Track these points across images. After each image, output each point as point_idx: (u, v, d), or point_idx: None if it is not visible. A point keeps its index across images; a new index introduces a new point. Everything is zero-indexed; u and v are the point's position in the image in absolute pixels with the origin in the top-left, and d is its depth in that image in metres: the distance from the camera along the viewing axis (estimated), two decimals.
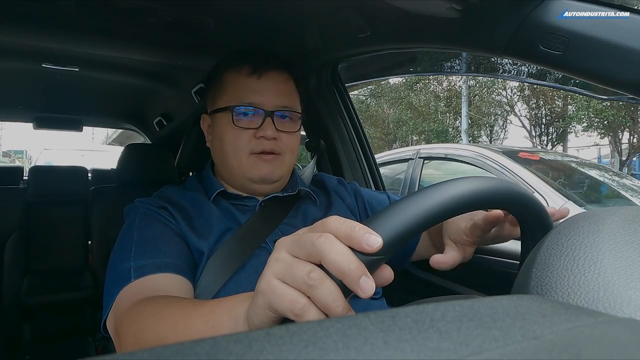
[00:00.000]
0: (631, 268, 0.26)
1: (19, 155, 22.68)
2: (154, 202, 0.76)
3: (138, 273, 0.61)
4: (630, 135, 11.49)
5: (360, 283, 0.31)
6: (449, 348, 0.17)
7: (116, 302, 0.60)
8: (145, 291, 0.58)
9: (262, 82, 0.76)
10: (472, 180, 0.39)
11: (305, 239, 0.34)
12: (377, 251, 0.32)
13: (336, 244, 0.32)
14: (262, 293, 0.35)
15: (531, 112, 13.54)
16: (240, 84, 0.77)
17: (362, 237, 0.32)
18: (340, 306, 0.32)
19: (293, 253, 0.34)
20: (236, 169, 0.77)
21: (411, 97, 13.80)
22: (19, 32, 1.03)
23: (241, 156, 0.76)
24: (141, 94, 1.83)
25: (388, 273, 0.36)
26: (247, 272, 0.70)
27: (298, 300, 0.32)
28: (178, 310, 0.49)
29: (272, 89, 0.77)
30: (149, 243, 0.67)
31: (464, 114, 11.91)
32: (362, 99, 14.64)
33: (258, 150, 0.75)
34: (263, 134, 0.74)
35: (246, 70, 0.77)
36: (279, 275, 0.34)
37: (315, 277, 0.32)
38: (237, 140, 0.75)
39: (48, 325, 1.59)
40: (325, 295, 0.32)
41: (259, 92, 0.76)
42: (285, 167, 0.79)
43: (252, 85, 0.76)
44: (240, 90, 0.76)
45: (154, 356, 0.15)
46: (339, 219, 0.34)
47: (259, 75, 0.76)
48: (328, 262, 0.32)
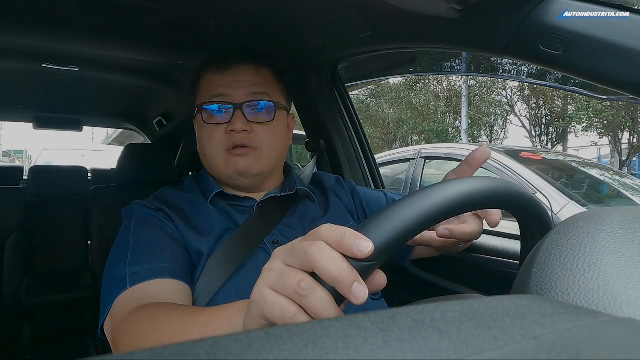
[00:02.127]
0: (631, 268, 0.26)
1: (19, 155, 22.69)
2: (151, 204, 0.76)
3: (133, 280, 0.61)
4: (630, 135, 11.50)
5: (353, 289, 0.31)
6: (449, 348, 0.17)
7: (113, 309, 0.60)
8: (141, 298, 0.58)
9: (227, 76, 0.76)
10: (469, 181, 0.39)
11: (298, 248, 0.34)
12: (369, 257, 0.32)
13: (328, 252, 0.33)
14: (255, 302, 0.35)
15: (531, 112, 13.55)
16: (207, 81, 0.78)
17: (353, 243, 0.32)
18: (332, 314, 0.32)
19: (287, 262, 0.35)
20: (215, 167, 0.78)
21: (411, 97, 13.80)
22: (19, 32, 1.03)
23: (217, 154, 0.76)
24: (141, 94, 1.83)
25: (381, 279, 0.36)
26: (246, 273, 0.70)
27: (288, 309, 0.33)
28: (175, 318, 0.49)
29: (239, 81, 0.76)
30: (144, 248, 0.67)
31: (464, 114, 11.91)
32: (362, 99, 14.64)
33: (229, 146, 0.75)
34: (233, 128, 0.74)
35: (213, 68, 0.77)
36: (271, 285, 0.34)
37: (305, 286, 0.32)
38: (210, 138, 0.76)
39: (48, 325, 1.59)
40: (316, 303, 0.32)
41: (224, 86, 0.76)
42: (265, 160, 0.77)
43: (217, 80, 0.76)
44: (208, 87, 0.77)
45: (154, 356, 0.15)
46: (330, 226, 0.35)
47: (224, 70, 0.76)
48: (320, 269, 0.32)
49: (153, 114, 2.01)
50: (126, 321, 0.55)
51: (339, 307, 0.33)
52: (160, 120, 1.97)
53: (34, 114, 2.05)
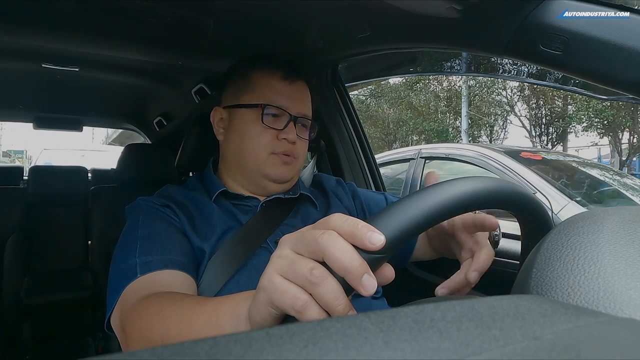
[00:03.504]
0: (631, 268, 0.26)
1: (19, 155, 22.69)
2: (157, 200, 0.76)
3: (144, 269, 0.61)
4: (630, 135, 11.50)
5: (363, 281, 0.31)
6: (449, 348, 0.17)
7: (122, 297, 0.60)
8: (151, 287, 0.59)
9: (292, 88, 0.80)
10: (474, 180, 0.39)
11: (309, 236, 0.34)
12: (380, 249, 0.32)
13: (339, 241, 0.32)
14: (263, 289, 0.35)
15: (531, 112, 13.55)
16: (272, 86, 0.79)
17: (365, 235, 0.32)
18: (342, 304, 0.32)
19: (296, 250, 0.34)
20: (253, 164, 0.78)
21: (411, 97, 13.80)
22: (19, 32, 1.03)
23: (261, 154, 0.77)
24: (141, 94, 1.83)
25: (389, 272, 0.36)
26: (248, 272, 0.70)
27: (299, 297, 0.32)
28: (182, 307, 0.49)
29: (299, 96, 0.81)
30: (154, 239, 0.67)
31: (464, 114, 11.91)
32: (362, 99, 14.64)
33: (280, 151, 0.77)
34: (286, 137, 0.77)
35: (279, 75, 0.79)
36: (281, 272, 0.34)
37: (318, 274, 0.32)
38: (260, 137, 0.77)
39: (48, 325, 1.59)
40: (327, 292, 0.32)
41: (288, 97, 0.79)
42: (297, 170, 0.83)
43: (284, 89, 0.79)
44: (273, 92, 0.78)
45: (154, 356, 0.15)
46: (342, 216, 0.34)
47: (291, 81, 0.80)
48: (331, 259, 0.32)
49: (153, 114, 2.01)
50: (136, 308, 0.55)
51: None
52: (160, 120, 1.97)
53: (34, 114, 2.05)
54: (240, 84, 0.81)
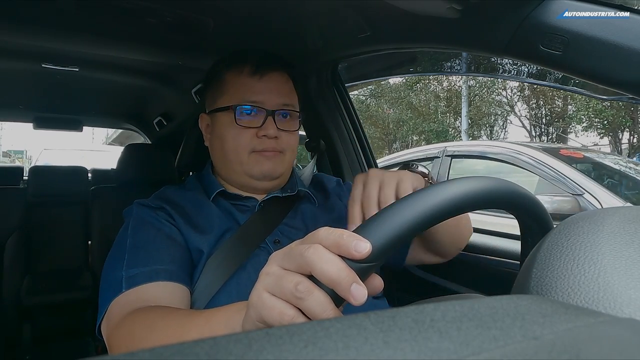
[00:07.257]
0: (631, 268, 0.26)
1: (19, 155, 22.68)
2: (152, 203, 0.76)
3: (129, 283, 0.62)
4: (630, 135, 11.49)
5: (352, 290, 0.31)
6: (449, 348, 0.17)
7: (108, 312, 0.60)
8: (135, 302, 0.59)
9: (263, 82, 0.77)
10: (468, 182, 0.39)
11: (295, 252, 0.34)
12: (367, 257, 0.32)
13: (325, 254, 0.33)
14: (253, 306, 0.35)
15: (531, 112, 13.54)
16: (242, 84, 0.77)
17: (350, 244, 0.32)
18: (330, 316, 0.32)
19: (284, 266, 0.35)
20: (237, 166, 0.77)
21: (411, 97, 13.80)
22: (19, 32, 1.03)
23: (242, 154, 0.76)
24: (141, 94, 1.83)
25: (378, 282, 0.36)
26: (247, 272, 0.70)
27: (286, 312, 0.33)
28: (172, 321, 0.50)
29: (274, 88, 0.78)
30: (140, 250, 0.67)
31: (464, 114, 11.91)
32: (362, 99, 14.63)
33: (260, 149, 0.76)
34: (265, 133, 0.75)
35: (248, 70, 0.77)
36: (269, 288, 0.35)
37: (303, 289, 0.32)
38: (238, 138, 0.76)
39: (48, 325, 1.59)
40: (314, 305, 0.32)
41: (260, 92, 0.76)
42: (286, 164, 0.80)
43: (254, 85, 0.77)
44: (243, 90, 0.77)
45: (154, 356, 0.15)
46: (327, 229, 0.35)
47: (261, 75, 0.77)
48: (318, 272, 0.32)
49: (153, 114, 2.01)
50: (121, 325, 0.55)
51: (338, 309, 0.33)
52: (160, 120, 1.97)
53: (34, 114, 2.05)
54: (215, 87, 0.81)
